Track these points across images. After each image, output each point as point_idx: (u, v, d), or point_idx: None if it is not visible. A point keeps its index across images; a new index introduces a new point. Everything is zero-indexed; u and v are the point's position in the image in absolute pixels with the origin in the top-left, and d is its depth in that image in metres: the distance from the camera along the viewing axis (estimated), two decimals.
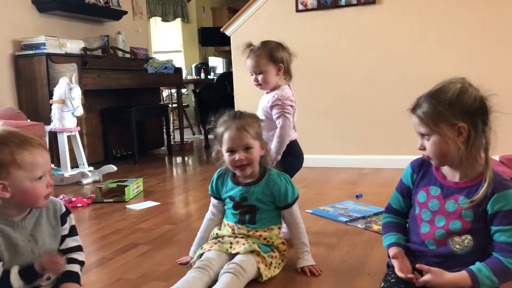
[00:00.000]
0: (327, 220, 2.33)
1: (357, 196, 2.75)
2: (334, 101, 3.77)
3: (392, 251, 1.39)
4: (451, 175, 1.33)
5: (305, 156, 2.16)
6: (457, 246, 1.29)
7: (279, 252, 1.70)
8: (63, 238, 1.35)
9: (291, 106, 2.01)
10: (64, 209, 1.35)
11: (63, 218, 1.34)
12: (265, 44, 2.02)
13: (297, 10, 3.79)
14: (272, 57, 1.98)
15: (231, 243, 1.65)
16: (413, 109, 1.30)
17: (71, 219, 1.37)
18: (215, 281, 1.54)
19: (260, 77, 1.97)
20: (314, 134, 3.82)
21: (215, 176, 1.77)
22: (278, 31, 3.88)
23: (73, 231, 1.37)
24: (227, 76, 4.89)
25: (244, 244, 1.63)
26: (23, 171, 1.19)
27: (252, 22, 3.93)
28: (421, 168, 1.40)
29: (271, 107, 1.97)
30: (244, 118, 1.66)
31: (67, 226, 1.35)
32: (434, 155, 1.29)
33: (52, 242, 1.31)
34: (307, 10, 3.76)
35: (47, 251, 1.28)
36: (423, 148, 1.30)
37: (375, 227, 2.15)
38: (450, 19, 3.40)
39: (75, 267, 1.33)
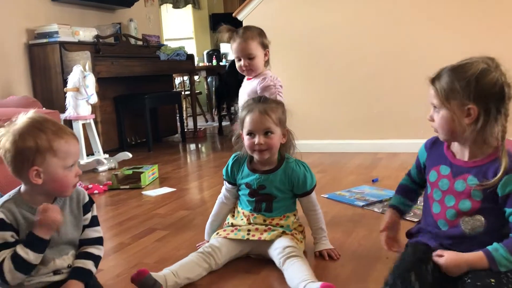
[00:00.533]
0: (344, 204, 2.32)
1: (373, 180, 2.73)
2: (348, 85, 3.73)
3: (385, 217, 1.48)
4: (460, 153, 1.31)
5: (320, 141, 2.14)
6: (468, 227, 1.27)
7: (299, 232, 1.71)
8: (84, 228, 1.34)
9: (281, 86, 2.00)
10: (87, 199, 1.34)
11: (86, 208, 1.33)
12: (252, 28, 1.99)
13: None
14: (262, 41, 1.96)
15: (249, 230, 1.65)
16: (433, 80, 1.29)
17: (94, 209, 1.36)
18: (215, 270, 1.57)
19: (250, 62, 1.93)
20: (329, 119, 3.79)
21: (230, 160, 1.76)
22: (291, 14, 3.84)
23: (94, 221, 1.36)
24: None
25: (265, 230, 1.63)
26: (57, 159, 1.19)
27: (265, 6, 3.89)
28: (433, 146, 1.40)
29: (263, 89, 1.95)
30: (268, 102, 1.65)
31: (89, 216, 1.34)
32: (440, 129, 1.28)
33: (74, 231, 1.30)
34: None
35: (68, 241, 1.28)
36: (431, 119, 1.30)
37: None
38: (475, 2, 3.33)
39: (88, 264, 1.30)
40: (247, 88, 2.00)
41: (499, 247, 1.20)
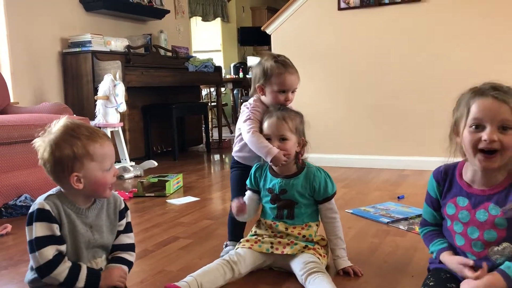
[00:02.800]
0: (368, 220, 2.30)
1: (398, 197, 2.69)
2: (375, 100, 3.70)
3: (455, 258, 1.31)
4: (477, 182, 1.29)
5: (345, 156, 2.13)
6: (498, 256, 1.24)
7: (321, 247, 1.69)
8: (118, 233, 1.37)
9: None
10: (123, 205, 1.38)
11: (122, 214, 1.37)
12: (291, 62, 1.84)
13: (339, 8, 3.74)
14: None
15: (271, 243, 1.65)
16: (505, 97, 1.19)
17: (128, 216, 1.39)
18: (238, 279, 1.57)
19: (292, 96, 1.78)
20: (355, 134, 3.77)
21: (252, 169, 1.77)
22: (319, 29, 3.85)
23: (128, 228, 1.39)
24: None
25: (288, 244, 1.63)
26: (95, 162, 1.22)
27: (294, 21, 3.92)
28: (445, 177, 1.37)
29: None
30: (287, 111, 1.68)
31: (123, 222, 1.37)
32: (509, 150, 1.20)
33: (108, 236, 1.33)
34: (349, 8, 3.71)
35: (102, 244, 1.32)
36: (495, 140, 1.18)
37: (418, 229, 2.09)
38: (500, 18, 3.28)
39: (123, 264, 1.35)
40: None
41: (510, 264, 1.19)
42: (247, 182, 1.78)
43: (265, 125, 1.66)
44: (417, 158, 3.56)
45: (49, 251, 1.18)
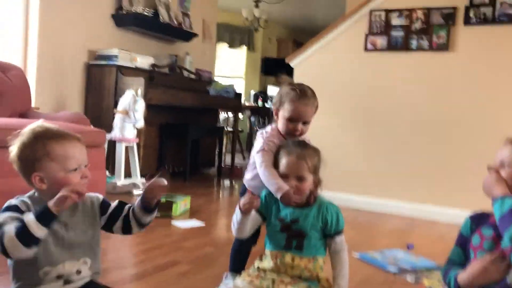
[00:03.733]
0: (375, 267, 2.22)
1: (408, 246, 2.61)
2: (391, 143, 3.66)
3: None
4: None
5: (355, 197, 2.09)
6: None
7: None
8: (111, 219, 1.32)
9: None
10: (101, 198, 1.34)
11: (104, 207, 1.33)
12: (310, 92, 1.79)
13: (366, 49, 3.75)
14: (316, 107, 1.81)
15: (273, 280, 1.60)
16: None
17: (108, 202, 1.35)
18: None
19: (304, 127, 1.74)
20: (367, 175, 3.72)
21: (263, 193, 1.69)
22: (343, 68, 3.86)
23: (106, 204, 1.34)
24: None
25: (290, 283, 1.57)
26: (55, 163, 1.22)
27: (319, 56, 3.94)
28: (480, 217, 1.39)
29: None
30: (307, 148, 1.64)
31: (109, 211, 1.33)
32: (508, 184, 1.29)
33: (87, 231, 1.29)
34: (376, 50, 3.72)
35: (80, 242, 1.27)
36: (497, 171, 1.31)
37: (426, 283, 2.02)
38: None
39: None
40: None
41: None
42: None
43: (283, 162, 1.62)
44: (429, 207, 3.48)
45: (4, 228, 1.12)
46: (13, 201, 1.22)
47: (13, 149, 1.24)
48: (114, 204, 1.35)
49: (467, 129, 3.37)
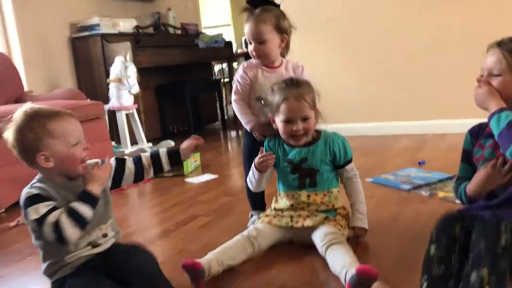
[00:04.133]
0: (389, 188, 2.26)
1: (419, 163, 2.63)
2: (391, 65, 3.60)
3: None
4: None
5: (362, 124, 2.08)
6: None
7: (342, 217, 1.66)
8: (118, 175, 1.40)
9: None
10: (100, 162, 1.37)
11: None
12: (268, 9, 1.74)
13: None
14: (277, 25, 1.72)
15: (291, 216, 1.63)
16: (499, 44, 1.30)
17: (111, 161, 1.41)
18: (258, 254, 1.57)
19: (261, 47, 1.70)
20: (371, 101, 3.69)
21: (265, 143, 1.72)
22: None
23: (120, 160, 1.42)
24: None
25: (308, 216, 1.60)
26: (57, 139, 1.24)
27: None
28: (478, 131, 1.40)
29: None
30: (301, 86, 1.60)
31: (112, 165, 1.40)
32: (504, 93, 1.29)
33: (102, 194, 1.32)
34: None
35: (98, 208, 1.31)
36: (485, 84, 1.31)
37: (441, 194, 2.05)
38: None
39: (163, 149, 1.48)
40: (272, 78, 1.76)
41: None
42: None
43: (283, 108, 1.57)
44: (438, 122, 3.48)
45: (50, 218, 1.18)
46: (32, 191, 1.23)
47: (10, 135, 1.25)
48: (112, 163, 1.40)
49: (465, 41, 3.30)
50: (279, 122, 1.62)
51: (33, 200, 1.21)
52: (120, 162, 1.42)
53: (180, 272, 1.41)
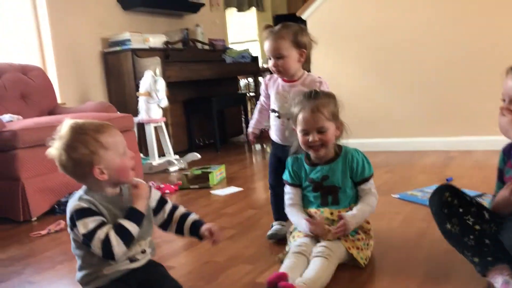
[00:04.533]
0: (416, 204, 2.24)
1: (447, 179, 2.60)
2: (416, 79, 3.58)
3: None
4: None
5: (386, 140, 2.08)
6: None
7: (364, 233, 1.66)
8: (159, 215, 1.42)
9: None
10: (159, 195, 1.42)
11: (162, 202, 1.43)
12: (287, 26, 1.80)
13: None
14: (295, 41, 1.77)
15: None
16: None
17: (156, 193, 1.43)
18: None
19: (280, 62, 1.76)
20: (396, 116, 3.67)
21: (289, 164, 1.74)
22: (357, 8, 3.76)
23: (162, 201, 1.43)
24: None
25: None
26: (110, 151, 1.26)
27: (331, 3, 3.84)
28: (510, 152, 1.37)
29: None
30: (319, 98, 1.61)
31: (167, 206, 1.43)
32: None
33: (147, 224, 1.36)
34: None
35: (144, 230, 1.34)
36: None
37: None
38: None
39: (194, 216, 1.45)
40: (290, 92, 1.83)
41: None
42: (286, 177, 1.75)
43: (300, 119, 1.61)
44: (464, 138, 3.43)
45: (100, 234, 1.21)
46: (82, 204, 1.24)
47: (61, 153, 1.25)
48: (156, 196, 1.42)
49: (491, 54, 3.26)
50: (298, 132, 1.65)
51: (82, 213, 1.23)
52: (162, 202, 1.43)
53: (205, 284, 1.43)
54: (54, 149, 1.26)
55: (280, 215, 1.91)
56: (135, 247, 1.32)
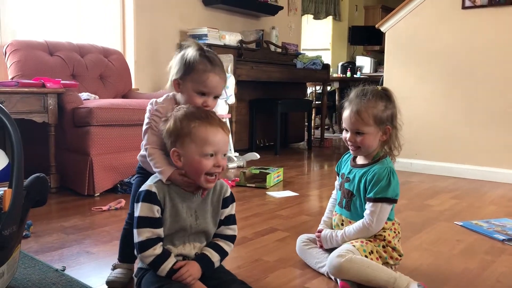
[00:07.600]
0: (480, 235, 2.11)
1: None
2: (497, 107, 3.39)
3: None
4: None
5: (458, 165, 1.97)
6: None
7: (381, 240, 1.57)
8: (220, 223, 1.38)
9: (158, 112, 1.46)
10: (228, 194, 1.39)
11: (226, 202, 1.38)
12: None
13: (464, 7, 3.48)
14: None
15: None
16: None
17: (233, 208, 1.40)
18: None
19: (213, 103, 1.42)
20: (471, 142, 3.49)
21: (344, 156, 1.76)
22: (439, 28, 3.63)
23: (230, 219, 1.39)
24: None
25: None
26: (195, 144, 1.25)
27: (411, 19, 3.74)
28: None
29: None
30: (366, 97, 1.54)
31: (226, 211, 1.38)
32: None
33: (211, 223, 1.36)
34: (475, 7, 3.43)
35: (205, 230, 1.35)
36: None
37: None
38: None
39: (215, 256, 1.34)
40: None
41: None
42: (337, 165, 1.76)
43: (343, 115, 1.59)
44: None
45: (144, 233, 1.25)
46: (152, 186, 1.27)
47: (169, 119, 1.30)
48: (228, 211, 1.39)
49: None
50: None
51: (147, 196, 1.26)
52: (227, 202, 1.40)
53: (253, 281, 1.43)
54: (171, 114, 1.30)
55: None
56: (189, 247, 1.33)
